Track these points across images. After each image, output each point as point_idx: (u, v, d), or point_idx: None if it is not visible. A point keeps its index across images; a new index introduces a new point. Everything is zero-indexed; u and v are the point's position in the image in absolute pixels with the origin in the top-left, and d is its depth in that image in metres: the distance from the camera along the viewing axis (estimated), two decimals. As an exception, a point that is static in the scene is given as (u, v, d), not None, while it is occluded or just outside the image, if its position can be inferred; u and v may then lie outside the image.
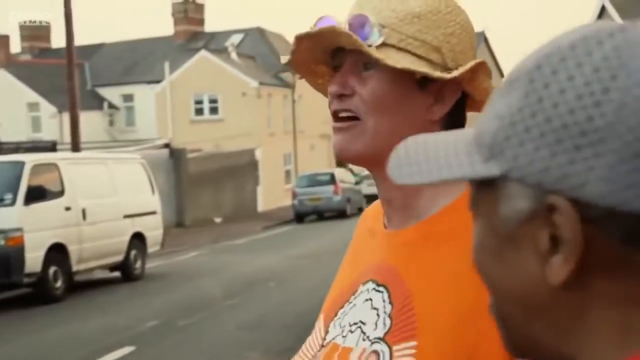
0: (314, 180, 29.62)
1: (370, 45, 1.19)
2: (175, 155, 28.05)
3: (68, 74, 21.41)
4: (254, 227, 26.59)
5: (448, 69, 1.21)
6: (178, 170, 27.51)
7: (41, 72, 40.32)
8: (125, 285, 14.74)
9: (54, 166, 14.05)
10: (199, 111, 39.23)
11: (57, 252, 13.27)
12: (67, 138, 25.22)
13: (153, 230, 16.09)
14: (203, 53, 39.41)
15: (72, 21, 21.48)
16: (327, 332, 1.27)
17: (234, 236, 23.53)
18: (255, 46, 43.06)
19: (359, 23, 1.20)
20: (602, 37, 0.68)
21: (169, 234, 17.70)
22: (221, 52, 40.14)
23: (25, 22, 48.35)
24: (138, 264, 15.49)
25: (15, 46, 49.27)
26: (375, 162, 1.22)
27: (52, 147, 23.50)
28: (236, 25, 46.29)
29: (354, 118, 1.21)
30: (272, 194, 36.20)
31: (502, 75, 63.89)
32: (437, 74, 1.19)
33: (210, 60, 38.83)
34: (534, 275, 0.68)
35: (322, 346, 1.25)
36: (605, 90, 0.65)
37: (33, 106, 39.83)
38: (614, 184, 0.64)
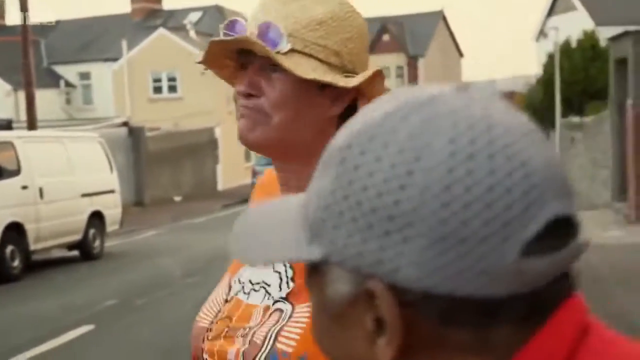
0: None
1: (278, 52, 1.29)
2: (134, 133, 27.82)
3: (23, 52, 21.10)
4: (213, 205, 26.53)
5: (346, 71, 1.33)
6: (137, 149, 27.30)
7: (-5, 49, 39.71)
8: (83, 265, 14.64)
9: (9, 144, 13.87)
10: (158, 89, 38.91)
11: (14, 231, 13.12)
12: (23, 116, 24.87)
13: (111, 209, 15.97)
14: (161, 31, 39.08)
15: (27, -3, 21.15)
16: (230, 288, 1.37)
17: (194, 215, 23.46)
18: (214, 24, 42.75)
19: (267, 30, 1.30)
20: (408, 111, 0.67)
21: (128, 212, 17.58)
22: (179, 30, 39.81)
23: (-22, -2, 47.55)
24: (97, 243, 15.38)
25: (-31, 23, 48.36)
26: (273, 151, 1.35)
27: (7, 125, 23.10)
28: (194, 3, 45.96)
29: (259, 112, 1.33)
30: (232, 172, 36.11)
31: (461, 54, 64.13)
32: (341, 83, 1.30)
33: (168, 38, 38.51)
34: (364, 353, 0.69)
35: (227, 301, 1.35)
36: (410, 172, 0.64)
37: (-13, 84, 39.28)
38: (424, 268, 0.64)
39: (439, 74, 55.25)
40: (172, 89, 38.70)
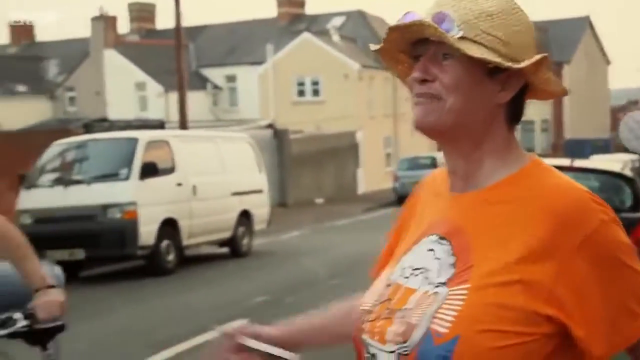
0: (415, 164, 29.55)
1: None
2: (279, 135, 28.33)
3: (176, 55, 21.87)
4: (354, 208, 26.69)
5: (514, 61, 1.41)
6: (281, 151, 27.79)
7: (148, 52, 41.22)
8: (232, 261, 15.04)
9: (165, 143, 14.39)
10: (301, 93, 39.48)
11: (169, 227, 13.62)
12: (173, 117, 25.76)
13: (260, 208, 16.34)
14: (305, 35, 39.62)
15: (180, 2, 21.91)
16: (392, 274, 1.48)
17: (336, 217, 23.68)
18: (357, 29, 43.04)
19: (440, 19, 1.40)
20: None
21: (272, 213, 17.94)
22: (323, 34, 40.27)
23: (133, 2, 49.44)
24: (245, 241, 15.76)
25: (122, 27, 50.34)
26: (446, 135, 1.45)
27: (159, 125, 24.04)
28: (337, 9, 46.32)
29: (433, 98, 1.43)
30: (372, 176, 36.22)
31: (607, 61, 62.14)
32: (508, 64, 1.40)
33: (312, 42, 39.01)
34: None
35: (388, 285, 1.46)
36: None
37: (140, 85, 40.79)
38: None
39: (585, 80, 53.76)
40: (315, 92, 39.18)
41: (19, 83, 43.48)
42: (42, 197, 13.32)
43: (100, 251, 13.05)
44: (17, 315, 2.89)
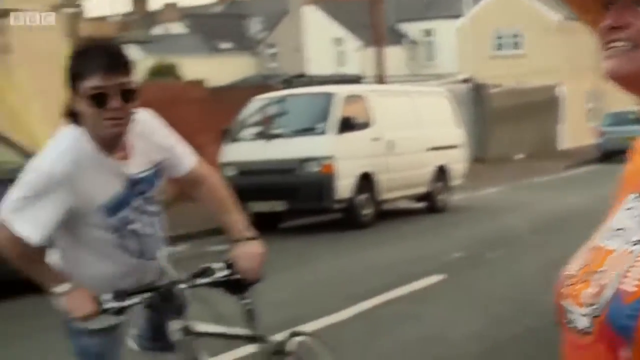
0: (621, 119, 28.17)
1: None
2: (477, 90, 27.82)
3: (372, 10, 21.85)
4: (555, 165, 25.88)
5: None
6: (479, 105, 27.28)
7: (347, 7, 41.48)
8: (428, 217, 14.99)
9: (362, 98, 14.45)
10: (499, 46, 38.55)
11: (366, 181, 13.70)
12: (370, 72, 25.83)
13: (456, 163, 16.15)
14: (505, -14, 38.56)
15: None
16: (597, 236, 1.42)
17: (535, 173, 23.05)
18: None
19: None
20: None
21: (469, 168, 17.68)
22: (524, -15, 39.03)
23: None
24: (441, 196, 15.64)
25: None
26: None
27: (356, 80, 24.16)
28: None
29: (627, 46, 1.34)
30: (574, 132, 34.97)
31: None
32: None
33: (513, -6, 37.91)
34: None
35: (592, 249, 1.40)
36: None
37: (338, 41, 41.20)
38: None
39: None
40: (515, 45, 38.15)
41: (223, 40, 45.03)
42: (244, 150, 13.74)
43: (298, 204, 13.33)
44: (217, 265, 2.97)
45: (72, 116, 2.80)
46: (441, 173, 15.62)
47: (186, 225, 13.40)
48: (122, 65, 2.72)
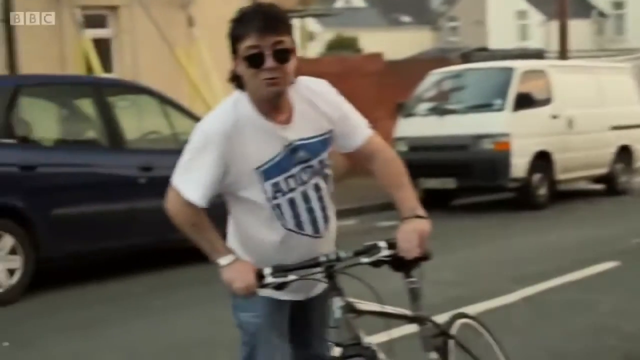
0: None
1: None
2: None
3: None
4: None
5: None
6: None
7: (531, -21, 40.29)
8: (608, 199, 14.37)
9: (542, 73, 13.98)
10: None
11: (542, 160, 13.27)
12: (554, 46, 25.01)
13: (641, 143, 15.38)
14: None
15: None
16: None
17: None
18: None
19: None
20: None
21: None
22: None
23: None
24: (623, 178, 14.95)
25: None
26: None
27: (539, 55, 23.43)
28: None
29: None
30: None
31: None
32: None
33: None
34: None
35: None
36: None
37: (522, 14, 40.11)
38: None
39: None
40: None
41: (403, 13, 44.83)
42: (417, 125, 13.60)
43: (471, 181, 13.07)
44: (382, 243, 2.89)
45: (236, 80, 2.83)
46: (624, 153, 14.91)
47: (356, 199, 13.47)
48: (277, 25, 2.73)
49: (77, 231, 8.37)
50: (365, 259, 2.89)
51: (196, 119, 9.68)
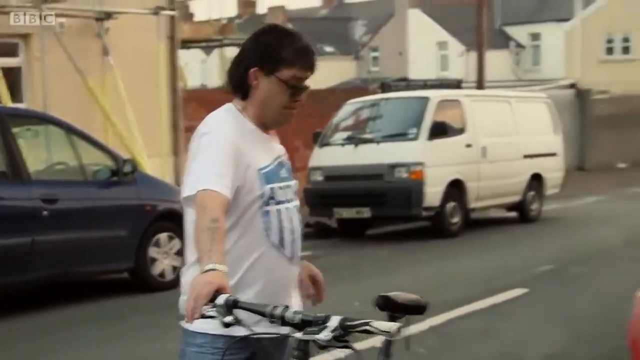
0: None
1: None
2: (581, 96, 27.02)
3: (478, 12, 21.46)
4: (661, 175, 24.89)
5: None
6: (582, 112, 26.49)
7: (452, 11, 40.98)
8: (519, 227, 14.59)
9: (457, 103, 14.16)
10: (609, 50, 37.43)
11: (456, 188, 13.41)
12: (473, 77, 25.42)
13: (553, 172, 15.67)
14: (617, -11, 37.45)
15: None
16: None
17: (637, 184, 22.20)
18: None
19: None
20: None
21: (568, 177, 17.13)
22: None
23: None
24: (535, 206, 15.20)
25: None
26: None
27: (457, 85, 23.81)
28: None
29: None
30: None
31: None
32: None
33: (624, -2, 36.79)
34: None
35: None
36: None
37: (442, 45, 40.74)
38: None
39: None
40: (626, 50, 36.97)
41: (327, 44, 45.10)
42: (333, 155, 13.63)
43: (385, 210, 13.12)
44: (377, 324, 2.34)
45: (242, 90, 2.87)
46: (536, 182, 15.18)
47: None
48: (315, 64, 2.89)
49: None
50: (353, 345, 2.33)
51: (104, 150, 9.54)
